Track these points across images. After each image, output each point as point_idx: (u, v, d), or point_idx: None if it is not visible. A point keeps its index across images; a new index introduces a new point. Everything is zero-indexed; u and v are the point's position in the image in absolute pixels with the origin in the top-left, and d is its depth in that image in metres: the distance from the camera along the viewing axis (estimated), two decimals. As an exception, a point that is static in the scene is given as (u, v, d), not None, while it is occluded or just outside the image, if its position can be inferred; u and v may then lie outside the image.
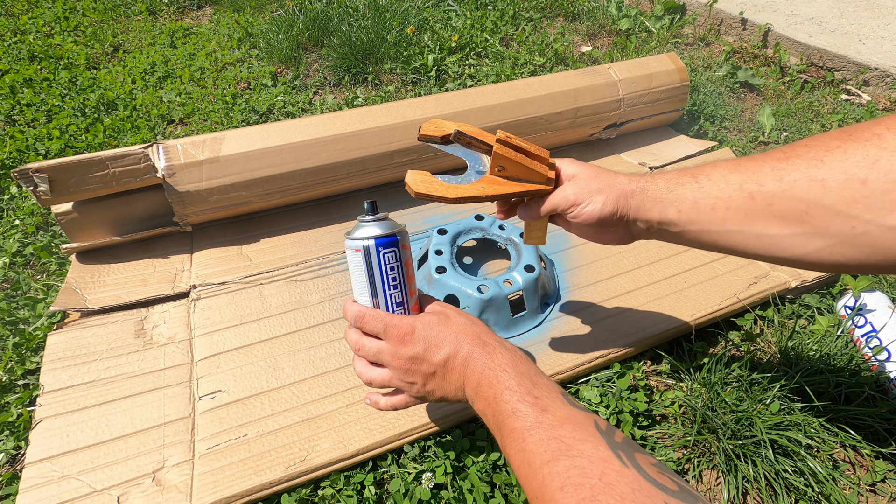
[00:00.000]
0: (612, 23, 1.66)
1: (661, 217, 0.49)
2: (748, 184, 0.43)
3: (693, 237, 0.48)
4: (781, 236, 0.42)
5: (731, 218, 0.44)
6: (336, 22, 1.54)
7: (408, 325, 0.49)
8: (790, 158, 0.41)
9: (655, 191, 0.49)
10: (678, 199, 0.47)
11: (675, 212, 0.48)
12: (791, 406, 0.67)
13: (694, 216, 0.46)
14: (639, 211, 0.50)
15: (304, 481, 0.59)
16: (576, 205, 0.51)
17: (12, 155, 1.07)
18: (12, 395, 0.69)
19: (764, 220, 0.42)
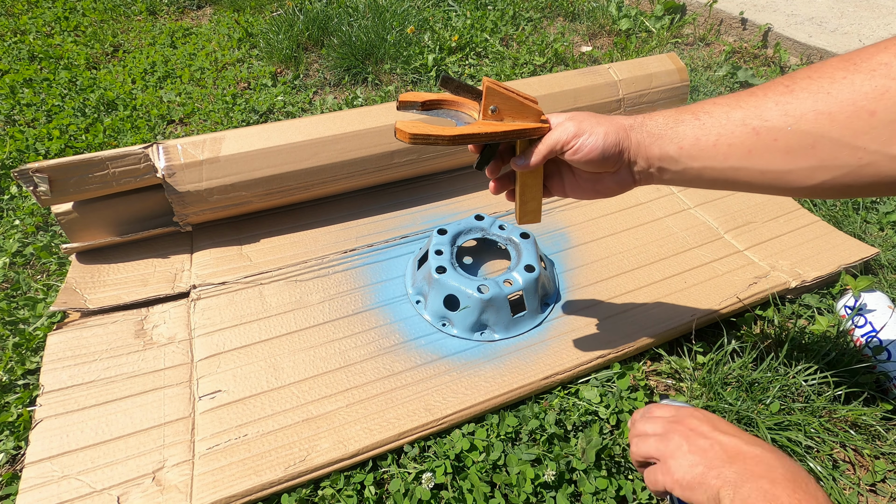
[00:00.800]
0: (612, 23, 1.66)
1: (661, 153, 0.47)
2: (751, 119, 0.42)
3: (695, 175, 0.47)
4: (785, 171, 0.41)
5: (733, 154, 0.43)
6: (336, 22, 1.54)
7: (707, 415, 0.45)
8: (794, 91, 0.40)
9: (654, 126, 0.48)
10: (678, 135, 0.46)
11: (675, 148, 0.46)
12: (791, 406, 0.67)
13: (695, 152, 0.45)
14: (639, 146, 0.48)
15: (304, 481, 0.60)
16: (577, 136, 0.49)
17: (12, 155, 1.07)
18: (12, 395, 0.69)
19: (768, 154, 0.41)
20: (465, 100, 0.53)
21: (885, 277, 0.87)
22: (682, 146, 0.46)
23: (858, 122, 0.36)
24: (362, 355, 0.72)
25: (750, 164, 0.43)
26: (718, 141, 0.44)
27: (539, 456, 0.62)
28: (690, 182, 0.48)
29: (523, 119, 0.51)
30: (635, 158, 0.49)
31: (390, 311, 0.78)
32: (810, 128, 0.39)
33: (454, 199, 0.99)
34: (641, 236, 0.92)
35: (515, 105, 0.50)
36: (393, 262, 0.86)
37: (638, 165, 0.50)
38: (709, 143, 0.44)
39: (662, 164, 0.48)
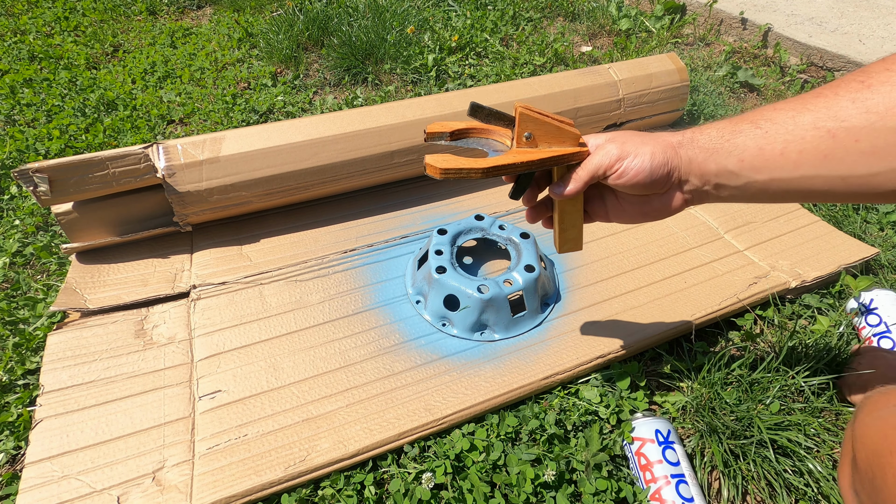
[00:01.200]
0: (612, 23, 1.66)
1: (718, 168, 0.43)
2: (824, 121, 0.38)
3: (759, 188, 0.42)
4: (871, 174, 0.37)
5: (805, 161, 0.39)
6: (336, 22, 1.54)
7: None
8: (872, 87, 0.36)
9: (707, 140, 0.44)
10: (737, 147, 0.42)
11: (735, 161, 0.42)
12: (791, 406, 0.67)
13: (760, 164, 0.41)
14: (691, 164, 0.44)
15: (304, 481, 0.60)
16: (621, 159, 0.45)
17: (12, 155, 1.07)
18: (12, 395, 0.69)
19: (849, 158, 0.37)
20: (495, 127, 0.50)
21: (885, 277, 0.87)
22: (744, 158, 0.42)
23: None
24: (362, 355, 0.72)
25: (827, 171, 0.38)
26: (786, 148, 0.40)
27: (539, 456, 0.62)
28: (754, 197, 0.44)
29: (560, 144, 0.48)
30: (687, 177, 0.45)
31: (390, 311, 0.78)
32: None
33: (454, 199, 0.99)
34: (641, 236, 0.92)
35: (551, 130, 0.47)
36: (393, 262, 0.86)
37: (690, 184, 0.46)
38: (775, 153, 0.40)
39: (720, 180, 0.44)
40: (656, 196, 0.47)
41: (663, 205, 0.48)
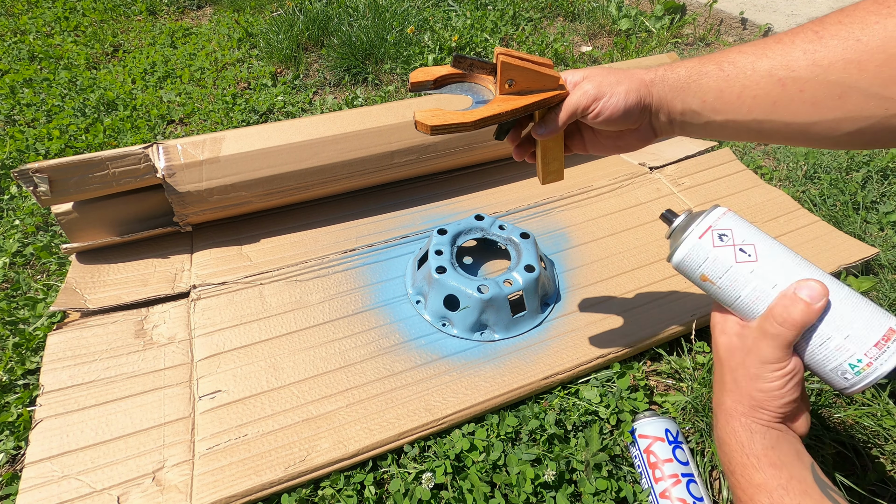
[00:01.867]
0: (612, 23, 1.66)
1: (683, 107, 0.46)
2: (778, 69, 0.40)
3: (717, 127, 0.45)
4: (810, 122, 0.39)
5: (758, 107, 0.42)
6: (336, 22, 1.54)
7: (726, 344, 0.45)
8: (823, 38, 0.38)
9: (676, 79, 0.46)
10: (701, 88, 0.45)
11: (698, 101, 0.45)
12: (791, 406, 0.67)
13: (719, 106, 0.44)
14: (661, 101, 0.47)
15: (304, 481, 0.60)
16: (598, 99, 0.47)
17: (12, 155, 1.08)
18: (12, 395, 0.69)
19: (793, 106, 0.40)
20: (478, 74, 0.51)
21: (885, 278, 0.87)
22: (706, 100, 0.44)
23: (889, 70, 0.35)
24: (362, 355, 0.72)
25: (775, 117, 0.41)
26: (743, 93, 0.42)
27: (539, 456, 0.62)
28: (712, 134, 0.47)
29: (541, 87, 0.49)
30: (657, 113, 0.48)
31: (390, 311, 0.78)
32: (838, 77, 0.37)
33: (454, 199, 0.99)
34: (641, 236, 0.92)
35: (532, 76, 0.48)
36: (393, 262, 0.86)
37: (659, 120, 0.48)
38: (733, 96, 0.43)
39: (685, 118, 0.47)
40: (629, 130, 0.50)
41: (636, 138, 0.51)
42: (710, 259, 0.42)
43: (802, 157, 1.13)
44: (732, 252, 0.42)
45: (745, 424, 0.41)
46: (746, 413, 0.41)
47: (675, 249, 0.44)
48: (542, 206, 0.97)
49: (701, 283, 0.44)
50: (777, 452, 0.39)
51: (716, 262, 0.42)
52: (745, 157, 1.16)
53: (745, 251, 0.41)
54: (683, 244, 0.43)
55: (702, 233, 0.43)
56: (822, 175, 1.08)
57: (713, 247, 0.42)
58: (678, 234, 0.45)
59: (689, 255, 0.43)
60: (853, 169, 1.11)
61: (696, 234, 0.43)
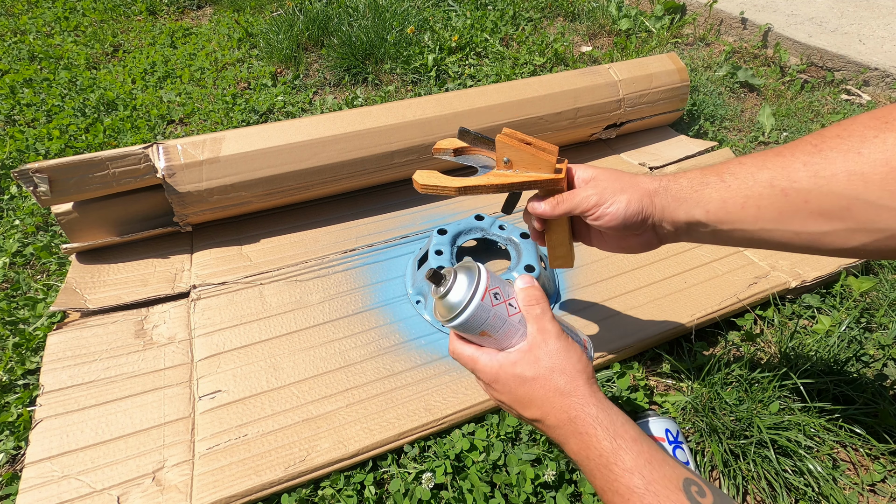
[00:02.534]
0: (612, 23, 1.66)
1: (687, 217, 0.47)
2: (779, 180, 0.41)
3: (725, 236, 0.46)
4: (821, 232, 0.40)
5: (763, 216, 0.42)
6: (336, 22, 1.54)
7: (491, 373, 0.47)
8: (822, 151, 0.39)
9: (679, 190, 0.47)
10: (704, 198, 0.45)
11: (702, 212, 0.46)
12: (791, 406, 0.67)
13: (723, 216, 0.45)
14: (664, 211, 0.48)
15: (304, 481, 0.60)
16: (598, 205, 0.49)
17: (12, 155, 1.07)
18: (12, 395, 0.69)
19: (800, 216, 0.40)
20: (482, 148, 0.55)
21: (885, 278, 0.87)
22: (709, 210, 0.45)
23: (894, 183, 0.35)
24: (362, 355, 0.72)
25: (782, 226, 0.42)
26: (746, 203, 0.43)
27: (539, 456, 0.62)
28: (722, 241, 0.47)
29: (536, 170, 0.52)
30: (660, 223, 0.49)
31: (390, 311, 0.78)
32: (843, 189, 0.37)
33: (454, 198, 0.99)
34: (641, 236, 0.92)
35: (527, 157, 0.52)
36: (393, 262, 0.86)
37: (663, 229, 0.49)
38: (736, 206, 0.43)
39: (690, 227, 0.47)
40: (633, 235, 0.51)
41: (640, 243, 0.52)
42: (491, 316, 0.46)
43: (802, 157, 1.13)
44: (505, 308, 0.46)
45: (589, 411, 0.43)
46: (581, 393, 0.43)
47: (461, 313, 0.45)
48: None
49: (479, 337, 0.47)
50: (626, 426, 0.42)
51: (496, 318, 0.46)
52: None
53: (512, 305, 0.47)
54: (470, 308, 0.45)
55: (482, 295, 0.45)
56: (822, 175, 1.08)
57: (492, 306, 0.46)
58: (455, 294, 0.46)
59: (474, 317, 0.45)
60: (853, 169, 1.11)
61: (478, 295, 0.45)
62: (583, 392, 0.43)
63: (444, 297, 0.46)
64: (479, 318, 0.45)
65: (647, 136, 1.18)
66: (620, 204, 0.48)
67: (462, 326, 0.46)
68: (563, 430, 0.43)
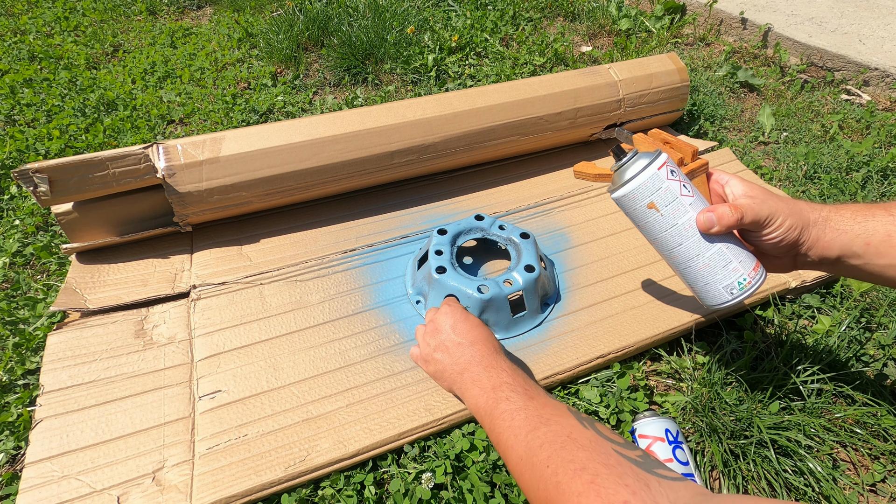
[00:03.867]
0: (612, 23, 1.66)
1: (842, 250, 0.46)
2: None
3: (875, 271, 0.46)
4: None
5: None
6: (336, 22, 1.54)
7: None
8: None
9: (840, 221, 0.47)
10: (867, 230, 0.45)
11: (861, 244, 0.45)
12: (791, 406, 0.67)
13: (885, 249, 0.44)
14: (817, 241, 0.47)
15: (304, 481, 0.60)
16: (775, 226, 0.48)
17: (12, 155, 1.07)
18: (12, 395, 0.69)
19: None
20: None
21: (885, 277, 0.87)
22: (870, 241, 0.45)
23: None
24: (362, 355, 0.72)
25: None
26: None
27: (539, 456, 0.62)
28: (866, 277, 0.47)
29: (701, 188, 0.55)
30: (806, 252, 0.48)
31: (390, 311, 0.78)
32: None
33: (454, 199, 0.99)
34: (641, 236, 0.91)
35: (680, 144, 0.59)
36: (393, 262, 0.86)
37: (807, 258, 0.49)
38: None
39: (842, 259, 0.47)
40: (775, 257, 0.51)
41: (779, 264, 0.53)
42: (663, 189, 0.47)
43: (802, 157, 1.13)
44: (679, 186, 0.48)
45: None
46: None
47: (633, 177, 0.48)
48: (542, 206, 0.97)
49: (645, 210, 0.49)
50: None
51: (667, 192, 0.48)
52: (745, 156, 1.16)
53: (686, 187, 0.49)
54: (644, 173, 0.48)
55: (661, 165, 0.48)
56: (823, 175, 1.08)
57: (667, 179, 0.47)
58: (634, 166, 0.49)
59: (645, 184, 0.48)
60: (853, 169, 1.11)
61: (655, 165, 0.48)
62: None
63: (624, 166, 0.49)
64: (650, 187, 0.47)
65: (647, 136, 1.18)
66: (784, 226, 0.47)
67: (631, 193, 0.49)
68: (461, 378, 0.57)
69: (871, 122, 1.26)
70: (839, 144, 1.19)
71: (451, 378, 0.59)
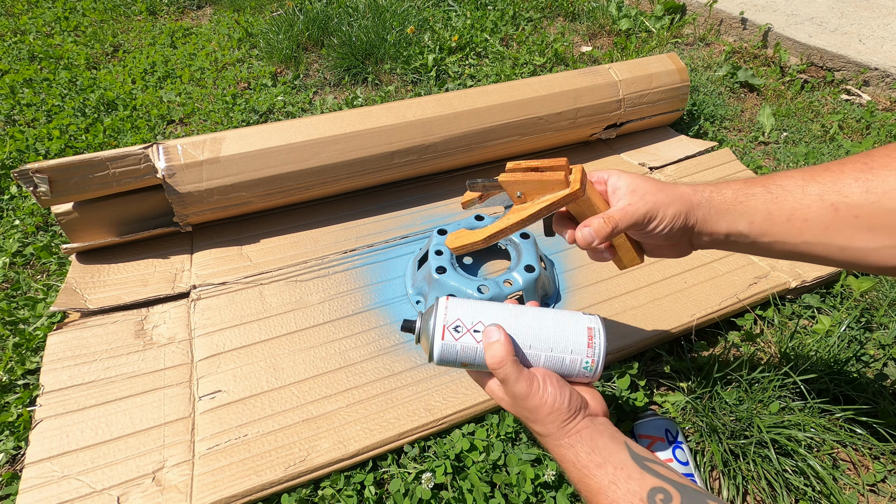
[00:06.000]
0: (612, 23, 1.66)
1: (729, 229, 0.47)
2: (830, 194, 0.41)
3: (764, 248, 0.46)
4: (869, 249, 0.40)
5: (809, 230, 0.42)
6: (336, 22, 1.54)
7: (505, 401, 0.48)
8: (874, 169, 0.39)
9: (722, 201, 0.47)
10: (749, 210, 0.45)
11: (745, 223, 0.46)
12: (791, 406, 0.67)
13: (767, 228, 0.45)
14: (705, 223, 0.48)
15: (304, 481, 0.60)
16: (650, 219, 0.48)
17: (12, 155, 1.07)
18: (12, 395, 0.69)
19: (848, 232, 0.40)
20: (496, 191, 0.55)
21: (885, 278, 0.87)
22: (754, 220, 0.45)
23: None
24: (362, 355, 0.72)
25: (827, 240, 0.42)
26: (793, 216, 0.43)
27: (539, 456, 0.62)
28: (757, 252, 0.48)
29: (550, 192, 0.50)
30: (699, 234, 0.49)
31: (390, 311, 0.78)
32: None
33: (454, 199, 0.99)
34: (641, 236, 0.92)
35: (535, 185, 0.50)
36: (393, 263, 0.86)
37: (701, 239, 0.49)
38: (782, 218, 0.44)
39: (730, 238, 0.47)
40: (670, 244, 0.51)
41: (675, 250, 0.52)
42: (459, 351, 0.47)
43: (802, 157, 1.13)
44: (470, 337, 0.47)
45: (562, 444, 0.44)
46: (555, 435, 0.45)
47: (431, 354, 0.48)
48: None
49: (466, 369, 0.49)
50: (597, 451, 0.43)
51: (465, 351, 0.47)
52: (745, 156, 1.16)
53: (478, 331, 0.47)
54: (434, 349, 0.47)
55: (441, 334, 0.47)
56: (822, 175, 1.08)
57: (455, 340, 0.47)
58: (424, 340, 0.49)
59: (443, 355, 0.47)
60: (853, 169, 1.11)
61: (438, 336, 0.47)
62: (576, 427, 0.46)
63: (418, 343, 0.50)
64: (449, 354, 0.47)
65: (648, 137, 1.18)
66: (668, 217, 0.47)
67: (443, 364, 0.48)
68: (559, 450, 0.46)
69: (871, 122, 1.26)
70: (839, 144, 1.19)
71: None
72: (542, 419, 0.45)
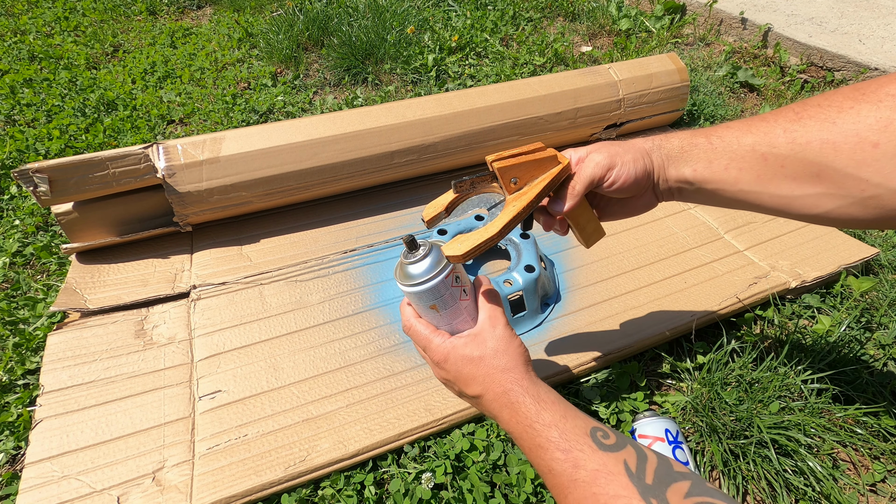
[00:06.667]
0: (612, 23, 1.66)
1: (677, 175, 0.50)
2: (760, 145, 0.43)
3: (709, 195, 0.49)
4: (794, 196, 0.42)
5: (743, 178, 0.45)
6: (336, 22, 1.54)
7: (442, 353, 0.50)
8: (802, 119, 0.41)
9: (671, 149, 0.50)
10: (693, 158, 0.48)
11: (689, 170, 0.48)
12: (791, 406, 0.67)
13: (708, 175, 0.47)
14: (659, 168, 0.50)
15: (304, 481, 0.60)
16: (611, 168, 0.50)
17: (12, 155, 1.08)
18: (12, 395, 0.69)
19: (777, 180, 0.43)
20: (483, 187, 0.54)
21: (885, 278, 0.87)
22: (696, 168, 0.48)
23: (861, 153, 0.37)
24: (362, 355, 0.72)
25: (759, 188, 0.44)
26: (729, 165, 0.46)
27: (539, 456, 0.62)
28: (707, 201, 0.50)
29: (543, 171, 0.52)
30: (657, 180, 0.51)
31: (390, 311, 0.78)
32: (815, 156, 0.40)
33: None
34: (641, 236, 0.92)
35: (531, 166, 0.51)
36: (393, 263, 0.86)
37: (659, 186, 0.52)
38: (720, 167, 0.46)
39: (680, 184, 0.50)
40: (637, 197, 0.53)
41: (641, 204, 0.54)
42: (446, 296, 0.49)
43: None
44: (459, 292, 0.50)
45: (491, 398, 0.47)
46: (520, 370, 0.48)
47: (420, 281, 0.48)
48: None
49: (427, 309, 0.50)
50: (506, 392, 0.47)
51: (449, 298, 0.49)
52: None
53: (465, 292, 0.51)
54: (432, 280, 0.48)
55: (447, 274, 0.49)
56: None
57: (451, 286, 0.49)
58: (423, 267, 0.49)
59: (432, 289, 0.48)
60: (853, 169, 1.11)
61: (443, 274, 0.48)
62: (520, 370, 0.48)
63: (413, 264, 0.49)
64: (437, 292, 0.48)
65: (647, 136, 1.18)
66: (628, 164, 0.50)
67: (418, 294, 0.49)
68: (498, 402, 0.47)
69: (871, 122, 1.26)
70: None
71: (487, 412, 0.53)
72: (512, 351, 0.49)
